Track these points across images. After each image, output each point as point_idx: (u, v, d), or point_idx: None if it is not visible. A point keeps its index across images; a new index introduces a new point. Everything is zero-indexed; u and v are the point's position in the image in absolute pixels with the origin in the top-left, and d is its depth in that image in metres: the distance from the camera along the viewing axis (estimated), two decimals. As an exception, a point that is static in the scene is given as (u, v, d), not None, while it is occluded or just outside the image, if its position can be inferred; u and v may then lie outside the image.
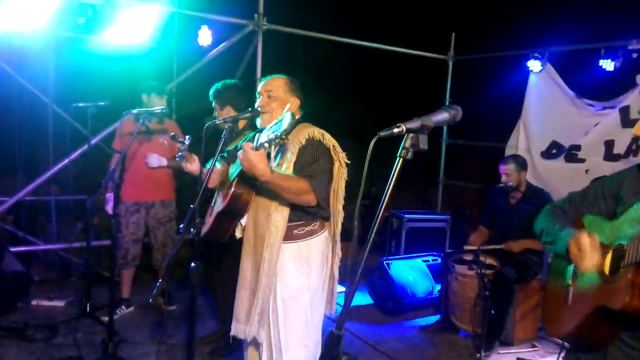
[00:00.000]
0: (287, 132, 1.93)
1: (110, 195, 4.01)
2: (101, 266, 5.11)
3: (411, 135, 1.33)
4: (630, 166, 1.77)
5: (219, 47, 4.97)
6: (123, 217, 4.12)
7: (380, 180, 1.36)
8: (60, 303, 4.33)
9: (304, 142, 2.35)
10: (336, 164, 2.44)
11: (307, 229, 2.42)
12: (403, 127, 1.33)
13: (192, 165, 2.78)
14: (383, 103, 7.11)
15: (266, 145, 2.00)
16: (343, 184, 2.49)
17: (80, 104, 3.82)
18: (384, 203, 1.33)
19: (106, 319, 3.56)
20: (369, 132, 1.38)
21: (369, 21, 6.53)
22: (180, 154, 2.76)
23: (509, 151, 5.87)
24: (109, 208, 4.05)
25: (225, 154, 2.86)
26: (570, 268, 1.74)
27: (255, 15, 4.90)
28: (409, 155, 1.33)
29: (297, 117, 2.45)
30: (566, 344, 1.89)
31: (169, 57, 5.65)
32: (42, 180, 4.72)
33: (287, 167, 2.33)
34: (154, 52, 5.40)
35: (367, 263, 1.35)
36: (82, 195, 5.58)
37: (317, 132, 2.39)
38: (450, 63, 6.41)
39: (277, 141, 1.94)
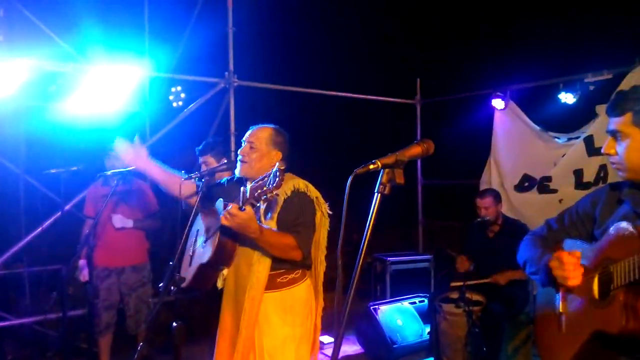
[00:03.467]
0: (278, 187, 1.94)
1: (83, 262, 3.90)
2: (78, 338, 4.89)
3: (387, 170, 1.35)
4: (603, 186, 1.80)
5: (191, 106, 5.03)
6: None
7: (360, 226, 1.37)
8: (36, 380, 4.12)
9: (289, 193, 2.37)
10: (318, 214, 2.46)
11: (289, 276, 2.41)
12: (378, 163, 1.35)
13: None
14: (357, 150, 7.24)
15: (255, 202, 2.01)
16: (325, 234, 2.50)
17: (53, 170, 3.79)
18: (367, 236, 1.33)
19: (86, 392, 3.40)
20: (346, 180, 1.40)
21: (338, 72, 6.74)
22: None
23: (483, 187, 5.98)
24: (83, 275, 3.92)
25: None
26: (559, 295, 1.73)
27: (226, 73, 5.00)
28: (387, 191, 1.35)
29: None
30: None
31: (140, 118, 5.67)
32: (15, 250, 4.56)
33: (271, 217, 2.35)
34: (125, 114, 5.43)
35: (353, 310, 1.34)
36: (56, 265, 5.41)
37: (301, 184, 2.43)
38: (418, 107, 6.60)
39: (267, 196, 1.95)
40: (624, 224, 1.51)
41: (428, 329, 4.57)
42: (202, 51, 5.25)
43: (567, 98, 5.26)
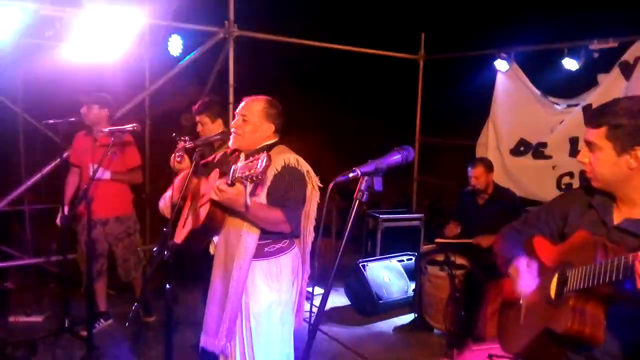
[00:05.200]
0: (264, 172, 1.99)
1: (66, 209, 3.98)
2: (79, 274, 5.09)
3: (366, 178, 1.41)
4: (577, 187, 1.86)
5: (191, 55, 4.97)
6: (81, 234, 4.08)
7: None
8: (38, 318, 4.33)
9: (279, 168, 2.41)
10: (309, 187, 2.52)
11: (277, 246, 2.51)
12: (358, 172, 1.40)
13: (181, 164, 2.76)
14: (357, 103, 7.20)
15: (243, 181, 2.08)
16: (315, 206, 2.56)
17: (51, 121, 3.82)
18: (343, 244, 1.40)
19: (85, 333, 3.60)
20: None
21: (340, 24, 6.59)
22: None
23: (479, 149, 6.02)
24: (59, 218, 4.02)
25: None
26: None
27: (226, 22, 4.90)
28: (364, 198, 1.41)
29: (271, 141, 2.53)
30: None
31: (140, 65, 5.61)
32: (17, 193, 4.68)
33: (260, 192, 2.41)
34: (124, 62, 5.36)
35: (344, 264, 1.43)
36: (56, 204, 5.54)
37: (292, 159, 2.46)
38: (421, 62, 6.50)
39: (253, 179, 2.01)
40: (585, 232, 1.59)
41: (413, 286, 4.77)
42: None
43: (570, 64, 5.18)
